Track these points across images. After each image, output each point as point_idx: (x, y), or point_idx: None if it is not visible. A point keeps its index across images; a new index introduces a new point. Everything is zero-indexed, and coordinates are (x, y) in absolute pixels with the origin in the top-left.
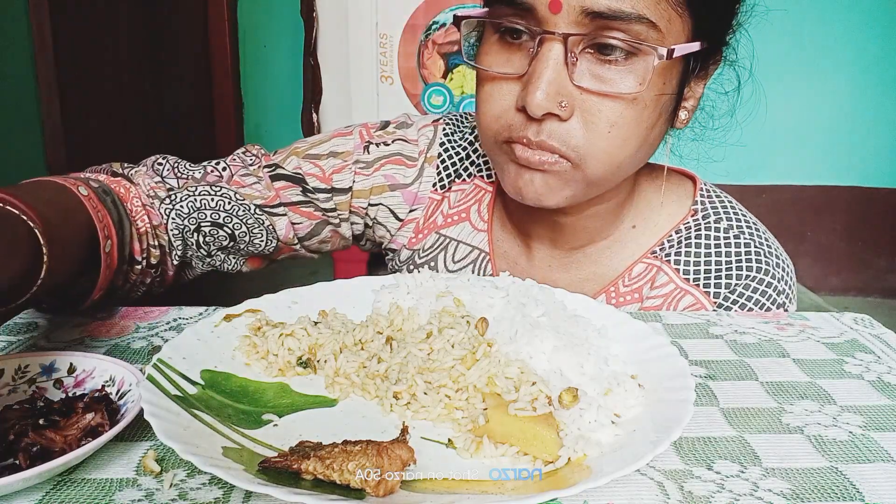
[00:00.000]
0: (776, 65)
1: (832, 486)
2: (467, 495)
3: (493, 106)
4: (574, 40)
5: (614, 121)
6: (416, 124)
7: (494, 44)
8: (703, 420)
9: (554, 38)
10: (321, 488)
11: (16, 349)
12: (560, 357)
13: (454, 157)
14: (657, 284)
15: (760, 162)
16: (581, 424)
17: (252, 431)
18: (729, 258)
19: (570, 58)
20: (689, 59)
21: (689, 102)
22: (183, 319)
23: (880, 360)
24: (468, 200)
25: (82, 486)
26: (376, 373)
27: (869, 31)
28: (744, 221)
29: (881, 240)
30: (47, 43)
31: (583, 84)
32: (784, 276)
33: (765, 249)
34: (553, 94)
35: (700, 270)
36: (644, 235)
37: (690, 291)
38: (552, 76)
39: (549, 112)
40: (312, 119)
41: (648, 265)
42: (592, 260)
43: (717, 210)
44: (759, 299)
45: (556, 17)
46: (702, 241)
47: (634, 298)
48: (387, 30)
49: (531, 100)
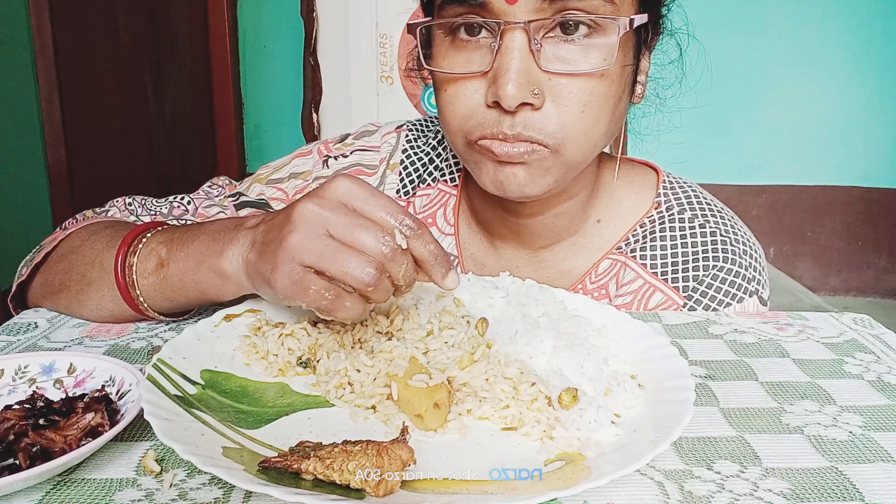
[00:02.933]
0: (776, 65)
1: (832, 486)
2: (467, 495)
3: (459, 107)
4: (535, 26)
5: (586, 99)
6: (379, 131)
7: (448, 46)
8: (703, 420)
9: (516, 28)
10: (321, 488)
11: (16, 349)
12: (560, 357)
13: (416, 164)
14: (625, 281)
15: (760, 162)
16: (581, 424)
17: (252, 431)
18: (695, 249)
19: (535, 44)
20: (639, 30)
21: (642, 76)
22: (183, 319)
23: (880, 360)
24: (433, 205)
25: (82, 486)
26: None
27: (869, 31)
28: (708, 210)
29: (881, 240)
30: (47, 43)
31: (550, 68)
32: (752, 262)
33: (731, 237)
34: (524, 84)
35: (667, 264)
36: (608, 230)
37: (659, 287)
38: (520, 66)
39: (523, 102)
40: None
41: (614, 261)
42: (560, 258)
43: (681, 201)
44: (729, 290)
45: (513, 7)
46: (666, 233)
47: (602, 295)
48: (387, 30)
49: (504, 93)
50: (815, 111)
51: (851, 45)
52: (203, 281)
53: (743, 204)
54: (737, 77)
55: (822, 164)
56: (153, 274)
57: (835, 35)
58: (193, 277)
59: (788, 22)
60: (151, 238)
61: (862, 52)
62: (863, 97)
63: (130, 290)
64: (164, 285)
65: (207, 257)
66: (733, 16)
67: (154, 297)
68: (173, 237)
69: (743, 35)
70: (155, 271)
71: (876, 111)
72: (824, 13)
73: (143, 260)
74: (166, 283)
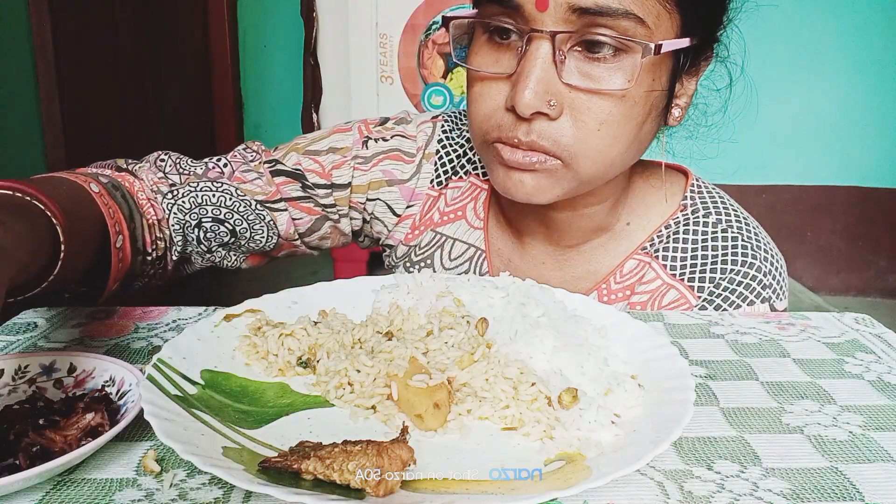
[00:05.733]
0: (776, 65)
1: (832, 486)
2: (467, 495)
3: (482, 106)
4: (562, 38)
5: (604, 118)
6: (415, 120)
7: (484, 44)
8: (703, 420)
9: (542, 37)
10: (321, 488)
11: (16, 349)
12: (560, 357)
13: (451, 155)
14: (645, 280)
15: (760, 162)
16: (581, 424)
17: (252, 431)
18: (715, 252)
19: (559, 56)
20: (678, 55)
21: (682, 100)
22: (182, 319)
23: (880, 360)
24: (464, 198)
25: (82, 486)
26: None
27: (868, 31)
28: (734, 216)
29: (881, 240)
30: (47, 43)
31: (571, 82)
32: (772, 270)
33: (752, 243)
34: (542, 93)
35: (686, 265)
36: (637, 232)
37: (675, 286)
38: (540, 74)
39: (538, 111)
40: (312, 119)
41: (639, 262)
42: (586, 258)
43: (707, 205)
44: (743, 292)
45: (543, 14)
46: (689, 236)
47: (626, 296)
48: (387, 30)
49: (519, 99)
50: (814, 111)
51: (851, 46)
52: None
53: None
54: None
55: (822, 164)
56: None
57: (834, 35)
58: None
59: (788, 22)
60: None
61: (861, 53)
62: (862, 97)
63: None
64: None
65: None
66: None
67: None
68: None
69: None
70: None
71: (875, 111)
72: (824, 13)
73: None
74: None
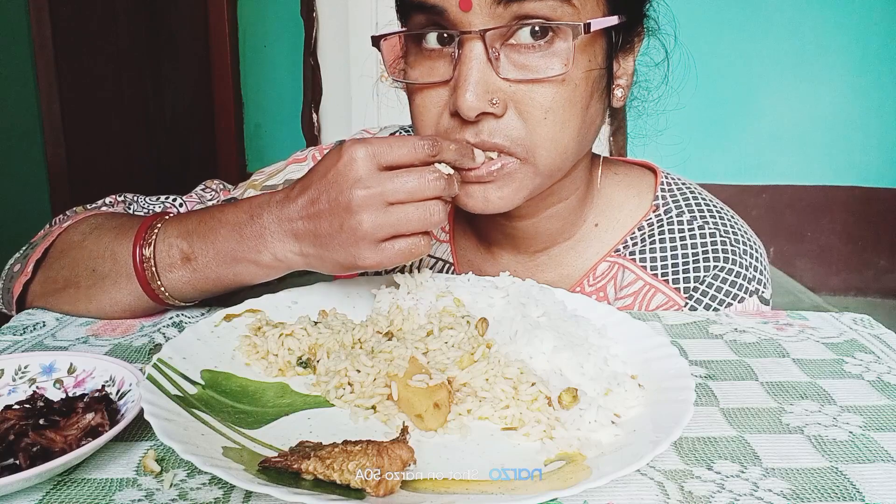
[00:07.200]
0: (776, 65)
1: (832, 486)
2: (467, 495)
3: (427, 116)
4: (492, 35)
5: (548, 106)
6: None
7: (417, 55)
8: (703, 420)
9: (472, 37)
10: (321, 488)
11: (21, 348)
12: (560, 357)
13: None
14: (624, 283)
15: (760, 162)
16: (581, 424)
17: (252, 431)
18: (695, 250)
19: (492, 53)
20: (610, 33)
21: (623, 80)
22: (185, 317)
23: (880, 360)
24: None
25: (82, 486)
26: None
27: (869, 30)
28: (707, 211)
29: (881, 240)
30: (47, 43)
31: (509, 76)
32: (752, 261)
33: (730, 238)
34: (482, 93)
35: (667, 266)
36: (607, 233)
37: (660, 288)
38: (478, 76)
39: (483, 111)
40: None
41: (612, 263)
42: (557, 262)
43: (679, 203)
44: (730, 290)
45: (468, 15)
46: (665, 236)
47: (600, 298)
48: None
49: (462, 103)
50: (814, 111)
51: (851, 46)
52: (242, 272)
53: (743, 204)
54: (736, 77)
55: (822, 164)
56: (181, 268)
57: (834, 35)
58: (232, 270)
59: (788, 22)
60: (164, 229)
61: (861, 53)
62: (862, 97)
63: (151, 283)
64: (194, 278)
65: (243, 253)
66: (733, 16)
67: (183, 289)
68: (189, 229)
69: (743, 35)
70: (182, 265)
71: (875, 111)
72: (824, 13)
73: (162, 253)
74: (197, 276)
